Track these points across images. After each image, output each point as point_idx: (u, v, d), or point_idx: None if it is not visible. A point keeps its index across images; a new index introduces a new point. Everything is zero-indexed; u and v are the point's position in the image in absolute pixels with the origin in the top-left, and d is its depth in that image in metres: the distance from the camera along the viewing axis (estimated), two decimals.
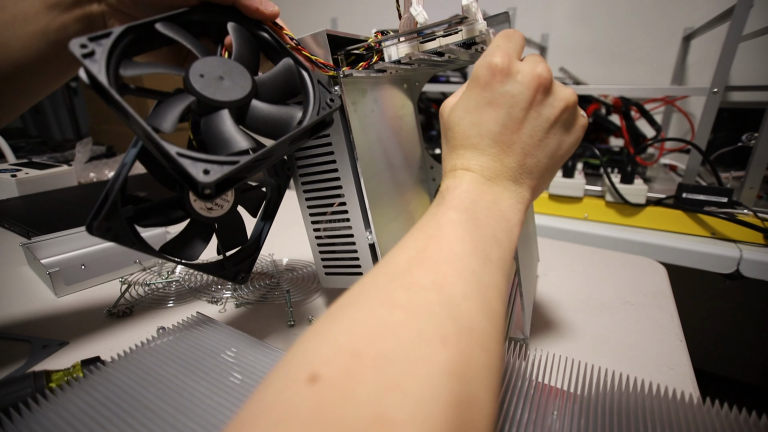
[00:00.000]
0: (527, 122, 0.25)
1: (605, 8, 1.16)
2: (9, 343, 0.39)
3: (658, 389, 0.28)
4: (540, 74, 0.25)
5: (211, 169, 0.22)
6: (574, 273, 0.55)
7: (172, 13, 0.27)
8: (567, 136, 0.27)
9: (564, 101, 0.26)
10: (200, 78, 0.25)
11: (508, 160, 0.25)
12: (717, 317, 1.25)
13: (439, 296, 0.19)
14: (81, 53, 0.22)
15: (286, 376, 0.16)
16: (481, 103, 0.25)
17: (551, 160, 0.26)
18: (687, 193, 0.73)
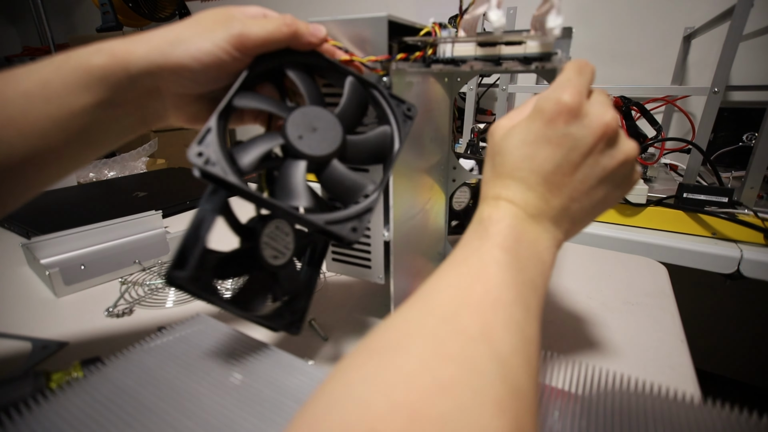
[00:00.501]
0: (582, 168, 0.24)
1: (605, 8, 1.16)
2: (9, 343, 0.39)
3: (659, 389, 0.28)
4: (608, 123, 0.24)
5: (357, 226, 0.25)
6: (574, 273, 0.55)
7: (239, 83, 0.27)
8: (617, 190, 0.26)
9: (625, 155, 0.25)
10: (300, 140, 0.27)
11: (553, 201, 0.24)
12: (717, 317, 1.25)
13: (489, 350, 0.18)
14: (201, 162, 0.23)
15: (344, 427, 0.15)
16: (540, 138, 0.24)
17: (594, 208, 0.26)
18: (687, 192, 0.73)
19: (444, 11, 1.34)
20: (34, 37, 2.21)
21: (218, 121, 0.25)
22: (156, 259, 0.55)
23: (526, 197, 0.24)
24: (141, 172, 1.10)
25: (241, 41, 0.26)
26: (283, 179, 0.26)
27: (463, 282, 0.21)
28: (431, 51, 0.34)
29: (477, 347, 0.18)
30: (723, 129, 0.94)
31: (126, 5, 1.52)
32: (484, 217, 0.25)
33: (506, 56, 0.32)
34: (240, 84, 0.27)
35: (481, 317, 0.19)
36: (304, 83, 0.29)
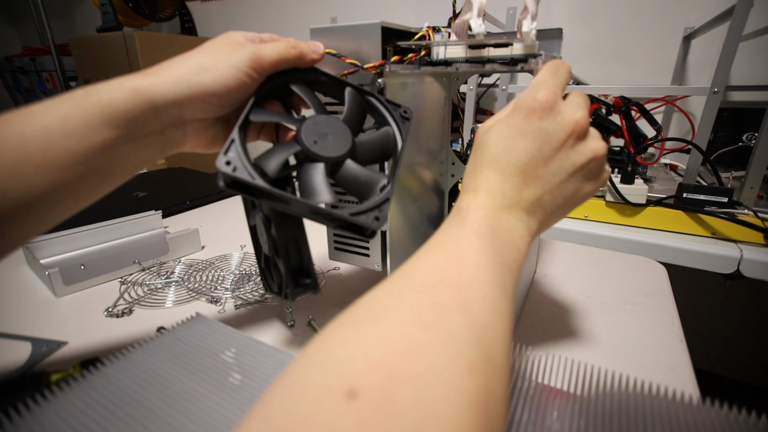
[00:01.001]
0: (554, 161, 0.26)
1: (605, 8, 1.16)
2: (9, 343, 0.39)
3: (658, 389, 0.28)
4: (578, 121, 0.26)
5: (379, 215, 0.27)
6: (574, 273, 0.55)
7: (253, 100, 0.29)
8: (587, 184, 0.28)
9: (593, 152, 0.27)
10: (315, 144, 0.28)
11: (527, 192, 0.26)
12: (717, 317, 1.25)
13: (465, 320, 0.19)
14: (230, 170, 0.25)
15: (322, 387, 0.15)
16: (517, 132, 0.26)
17: (566, 202, 0.27)
18: (687, 193, 0.73)
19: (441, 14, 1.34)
20: (34, 37, 2.21)
21: (239, 133, 0.27)
22: (156, 259, 0.55)
23: (503, 188, 0.26)
24: (141, 171, 1.10)
25: (258, 63, 0.28)
26: (305, 181, 0.28)
27: (441, 262, 0.22)
28: (424, 53, 0.36)
29: (453, 317, 0.19)
30: (723, 129, 0.94)
31: (126, 5, 1.52)
32: (462, 207, 0.26)
33: (494, 58, 0.34)
34: (254, 101, 0.29)
35: (458, 293, 0.20)
36: (308, 96, 0.31)
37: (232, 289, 0.48)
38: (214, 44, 0.29)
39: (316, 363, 0.17)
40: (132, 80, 0.26)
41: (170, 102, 0.27)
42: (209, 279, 0.51)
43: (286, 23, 1.72)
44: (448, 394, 0.16)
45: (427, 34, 0.36)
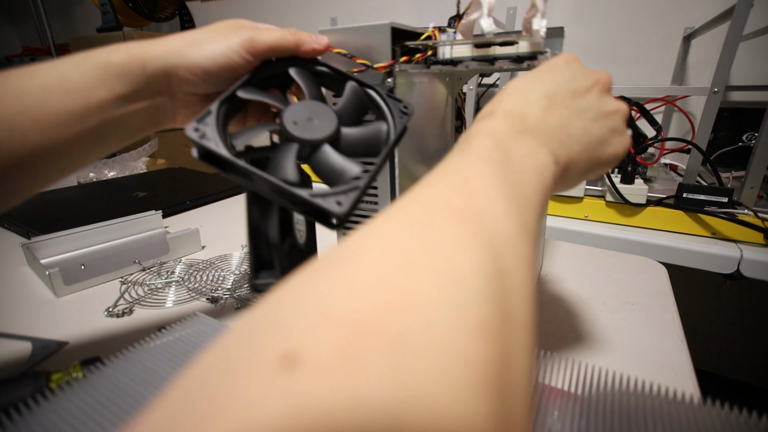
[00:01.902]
0: (582, 99, 0.25)
1: (605, 8, 1.16)
2: (9, 343, 0.39)
3: (658, 389, 0.28)
4: (602, 74, 0.26)
5: (342, 200, 0.24)
6: (574, 273, 0.55)
7: (245, 79, 0.29)
8: (614, 138, 0.26)
9: (617, 105, 0.26)
10: (294, 125, 0.27)
11: (552, 118, 0.23)
12: (717, 317, 1.25)
13: (474, 262, 0.14)
14: (197, 137, 0.25)
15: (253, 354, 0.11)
16: (543, 71, 0.26)
17: (593, 147, 0.25)
18: (687, 193, 0.73)
19: (440, 14, 1.34)
20: (34, 37, 2.21)
21: (219, 107, 0.26)
22: (156, 259, 0.55)
23: (524, 111, 0.23)
24: (141, 172, 1.10)
25: (252, 45, 0.28)
26: (274, 159, 0.27)
27: (440, 194, 0.18)
28: (431, 53, 0.36)
29: (456, 257, 0.14)
30: (723, 129, 0.94)
31: (126, 5, 1.52)
32: (471, 133, 0.22)
33: (500, 56, 0.35)
34: (245, 80, 0.29)
35: (462, 228, 0.15)
36: (306, 81, 0.30)
37: (233, 289, 0.48)
38: (216, 24, 0.30)
39: (257, 324, 0.12)
40: (129, 45, 0.28)
41: (159, 69, 0.28)
42: (209, 279, 0.51)
43: (286, 23, 1.72)
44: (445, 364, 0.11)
45: (433, 34, 0.37)
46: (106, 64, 0.27)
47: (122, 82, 0.27)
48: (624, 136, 0.27)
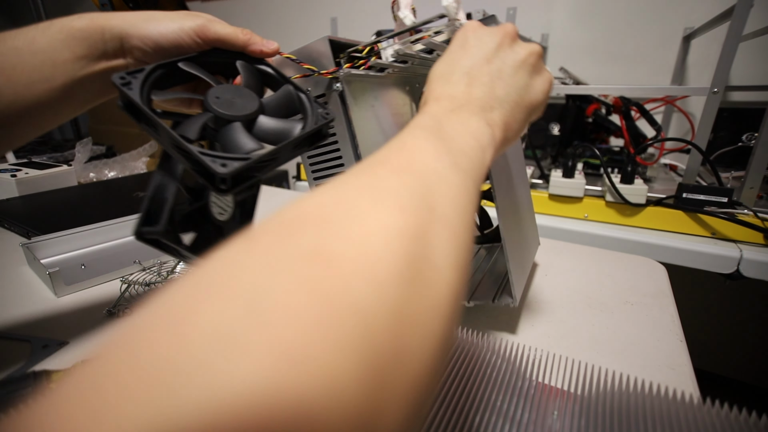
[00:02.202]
0: (496, 59, 0.27)
1: (605, 8, 1.16)
2: (9, 343, 0.39)
3: (658, 389, 0.28)
4: (506, 27, 0.29)
5: (228, 163, 0.26)
6: (574, 273, 0.55)
7: (192, 55, 0.32)
8: (535, 79, 0.29)
9: (528, 48, 0.29)
10: (216, 99, 0.30)
11: (476, 91, 0.26)
12: (717, 317, 1.25)
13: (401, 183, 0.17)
14: (120, 83, 0.27)
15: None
16: (456, 49, 0.28)
17: (521, 96, 0.28)
18: (687, 193, 0.73)
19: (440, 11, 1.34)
20: None
21: (154, 69, 0.29)
22: (156, 259, 0.55)
23: (450, 91, 0.26)
24: (141, 172, 1.10)
25: (203, 31, 0.32)
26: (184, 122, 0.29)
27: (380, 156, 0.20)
28: (375, 58, 0.38)
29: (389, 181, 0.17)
30: (722, 129, 0.94)
31: (126, 6, 1.52)
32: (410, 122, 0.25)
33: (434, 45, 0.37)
34: (191, 56, 0.32)
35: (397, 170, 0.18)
36: (247, 73, 0.33)
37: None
38: (178, 11, 0.33)
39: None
40: (90, 15, 0.31)
41: (116, 35, 0.31)
42: None
43: (286, 23, 1.72)
44: (363, 221, 0.14)
45: (376, 45, 0.39)
46: (70, 29, 0.30)
47: (83, 45, 0.31)
48: (543, 73, 0.29)
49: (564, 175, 0.80)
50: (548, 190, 0.81)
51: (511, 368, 0.31)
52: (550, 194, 0.81)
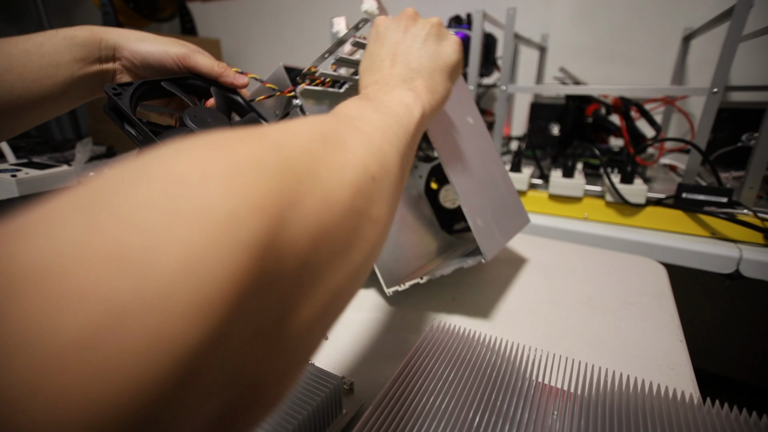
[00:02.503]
0: (404, 40, 0.32)
1: (605, 8, 1.16)
2: None
3: (658, 389, 0.28)
4: (405, 11, 0.34)
5: None
6: (574, 273, 0.55)
7: (173, 77, 0.38)
8: (443, 45, 0.33)
9: (429, 21, 0.33)
10: (194, 117, 0.34)
11: (395, 70, 0.31)
12: (717, 317, 1.25)
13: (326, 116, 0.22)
14: (112, 93, 0.32)
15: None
16: (372, 43, 0.33)
17: (435, 62, 0.32)
18: (687, 193, 0.73)
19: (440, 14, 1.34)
20: None
21: (141, 85, 0.35)
22: None
23: (374, 78, 0.31)
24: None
25: (185, 58, 0.38)
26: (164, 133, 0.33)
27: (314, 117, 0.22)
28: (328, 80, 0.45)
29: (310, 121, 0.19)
30: (722, 129, 0.94)
31: (126, 6, 1.52)
32: None
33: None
34: (173, 78, 0.38)
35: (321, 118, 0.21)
36: (219, 98, 0.39)
37: None
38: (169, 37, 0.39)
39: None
40: (91, 27, 0.37)
41: (111, 45, 0.37)
42: None
43: (285, 23, 1.72)
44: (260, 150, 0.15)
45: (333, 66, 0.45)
46: (73, 37, 0.36)
47: (82, 51, 0.36)
48: (448, 37, 0.34)
49: (564, 175, 0.80)
50: (548, 190, 0.81)
51: (511, 368, 0.31)
52: (549, 194, 0.81)
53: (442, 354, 0.32)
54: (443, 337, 0.34)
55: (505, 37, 0.83)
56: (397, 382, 0.29)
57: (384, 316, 0.44)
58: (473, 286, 0.51)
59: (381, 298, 0.48)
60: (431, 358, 0.32)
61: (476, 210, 0.44)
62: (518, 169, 0.84)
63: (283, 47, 1.76)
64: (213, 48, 1.69)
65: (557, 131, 0.95)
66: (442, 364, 0.31)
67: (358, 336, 0.41)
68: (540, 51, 1.21)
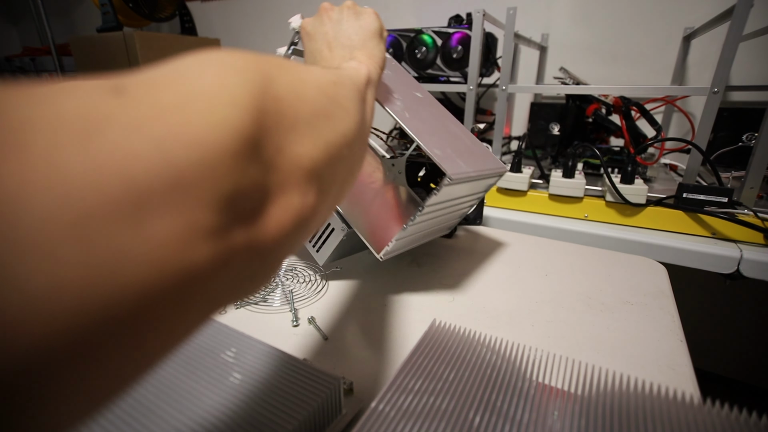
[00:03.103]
0: (331, 28, 0.37)
1: (605, 8, 1.16)
2: None
3: (658, 389, 0.28)
4: (321, 5, 0.38)
5: None
6: (574, 273, 0.55)
7: None
8: (361, 19, 0.38)
9: (344, 6, 0.38)
10: None
11: (334, 53, 0.35)
12: (717, 317, 1.25)
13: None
14: None
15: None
16: (307, 43, 0.38)
17: (362, 34, 0.36)
18: (687, 193, 0.73)
19: (440, 15, 1.34)
20: (34, 37, 2.21)
21: None
22: None
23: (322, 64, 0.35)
24: None
25: None
26: None
27: None
28: None
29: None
30: (723, 129, 0.94)
31: (126, 5, 1.52)
32: None
33: None
34: None
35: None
36: None
37: None
38: None
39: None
40: None
41: None
42: None
43: (285, 24, 1.72)
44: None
45: None
46: None
47: None
48: (364, 11, 0.39)
49: (564, 175, 0.80)
50: (548, 190, 0.81)
51: (511, 368, 0.31)
52: (550, 194, 0.81)
53: (442, 354, 0.32)
54: (443, 337, 0.34)
55: (505, 36, 0.83)
56: (397, 382, 0.29)
57: (384, 316, 0.44)
58: (473, 287, 0.51)
59: (381, 298, 0.48)
60: (431, 358, 0.32)
61: (434, 144, 0.45)
62: (518, 169, 0.84)
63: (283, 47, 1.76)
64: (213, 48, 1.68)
65: (557, 131, 0.95)
66: (442, 364, 0.31)
67: (358, 336, 0.41)
68: (540, 51, 1.21)
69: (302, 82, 0.19)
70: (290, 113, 0.17)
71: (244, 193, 0.13)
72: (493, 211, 0.85)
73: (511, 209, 0.85)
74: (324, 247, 0.51)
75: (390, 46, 1.03)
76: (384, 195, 0.57)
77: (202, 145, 0.12)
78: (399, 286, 0.51)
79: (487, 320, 0.44)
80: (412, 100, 0.50)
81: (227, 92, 0.14)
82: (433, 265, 0.56)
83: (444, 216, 0.52)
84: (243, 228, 0.13)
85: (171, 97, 0.13)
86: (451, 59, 0.96)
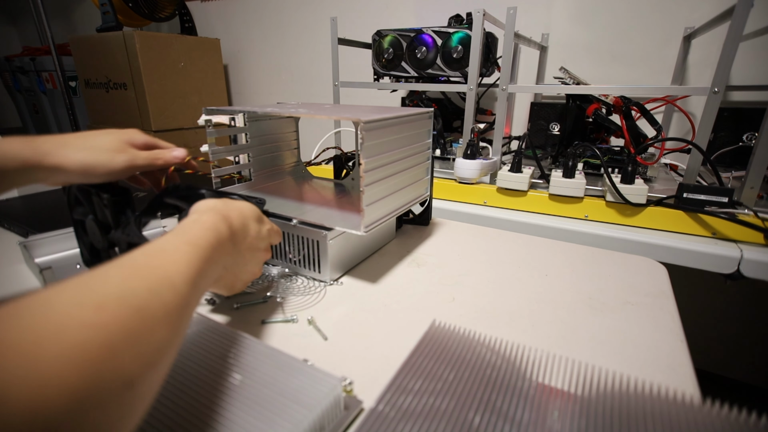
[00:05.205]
0: (239, 257, 0.38)
1: (605, 8, 1.16)
2: None
3: (658, 390, 0.28)
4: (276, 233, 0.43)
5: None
6: (574, 273, 0.55)
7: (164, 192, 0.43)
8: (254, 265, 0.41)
9: (261, 250, 0.41)
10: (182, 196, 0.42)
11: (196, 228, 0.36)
12: (717, 317, 1.25)
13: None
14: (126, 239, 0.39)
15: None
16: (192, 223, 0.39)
17: (245, 278, 0.41)
18: (687, 193, 0.72)
19: (440, 15, 1.34)
20: (34, 37, 2.21)
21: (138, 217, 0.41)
22: None
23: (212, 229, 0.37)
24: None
25: (133, 165, 0.42)
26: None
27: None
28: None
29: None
30: (723, 129, 0.94)
31: (126, 5, 1.52)
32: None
33: None
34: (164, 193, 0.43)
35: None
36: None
37: None
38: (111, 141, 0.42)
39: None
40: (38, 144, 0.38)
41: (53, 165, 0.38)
42: None
43: (285, 23, 1.72)
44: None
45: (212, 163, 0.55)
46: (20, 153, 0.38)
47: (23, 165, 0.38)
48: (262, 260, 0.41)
49: (564, 175, 0.80)
50: (548, 190, 0.81)
51: (511, 368, 0.31)
52: (550, 194, 0.81)
53: (441, 354, 0.32)
54: (443, 338, 0.34)
55: (505, 36, 0.83)
56: (397, 383, 0.29)
57: (383, 317, 0.44)
58: (473, 287, 0.51)
59: (381, 298, 0.48)
60: (431, 358, 0.32)
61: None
62: (518, 169, 0.84)
63: (283, 47, 1.76)
64: (213, 48, 1.69)
65: (557, 131, 0.95)
66: (442, 365, 0.31)
67: (358, 336, 0.41)
68: (540, 50, 1.21)
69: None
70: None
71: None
72: (493, 211, 0.85)
73: (511, 209, 0.85)
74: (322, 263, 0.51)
75: (390, 45, 1.03)
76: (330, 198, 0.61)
77: None
78: (399, 286, 0.51)
79: (487, 320, 0.44)
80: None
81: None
82: (433, 265, 0.56)
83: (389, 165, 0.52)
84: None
85: None
86: (451, 59, 0.96)
